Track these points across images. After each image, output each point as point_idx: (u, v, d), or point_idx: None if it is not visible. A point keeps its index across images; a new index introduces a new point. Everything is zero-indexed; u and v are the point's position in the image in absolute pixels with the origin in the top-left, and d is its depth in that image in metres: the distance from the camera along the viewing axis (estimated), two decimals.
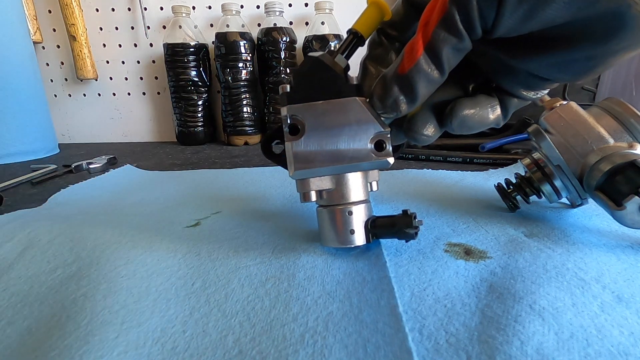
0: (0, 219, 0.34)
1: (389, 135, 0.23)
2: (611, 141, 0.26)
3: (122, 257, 0.24)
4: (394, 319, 0.18)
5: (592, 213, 0.31)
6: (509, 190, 0.32)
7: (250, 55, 0.75)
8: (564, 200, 0.32)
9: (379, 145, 0.23)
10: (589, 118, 0.27)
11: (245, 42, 0.73)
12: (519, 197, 0.32)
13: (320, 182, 0.24)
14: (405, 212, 0.23)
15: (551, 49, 0.19)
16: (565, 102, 0.29)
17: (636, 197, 0.24)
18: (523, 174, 0.32)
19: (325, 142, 0.23)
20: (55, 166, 0.58)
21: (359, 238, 0.24)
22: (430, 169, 0.48)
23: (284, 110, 0.23)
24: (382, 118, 0.23)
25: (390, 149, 0.23)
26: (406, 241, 0.25)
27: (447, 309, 0.19)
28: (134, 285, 0.21)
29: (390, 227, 0.23)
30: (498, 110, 0.24)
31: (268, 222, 0.30)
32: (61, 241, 0.27)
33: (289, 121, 0.23)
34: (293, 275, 0.22)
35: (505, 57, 0.22)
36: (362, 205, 0.24)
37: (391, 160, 0.23)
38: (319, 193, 0.24)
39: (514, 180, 0.32)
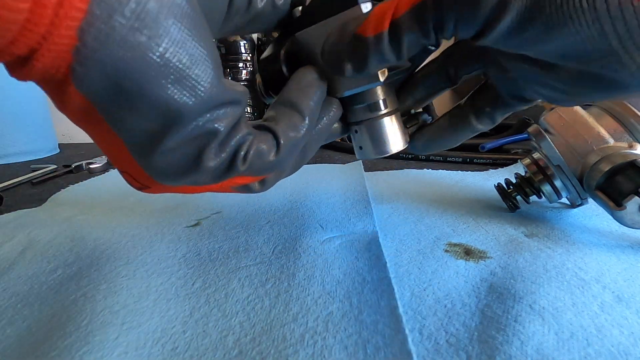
0: (0, 218, 0.34)
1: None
2: (611, 141, 0.26)
3: (122, 257, 0.24)
4: (394, 320, 0.18)
5: (592, 213, 0.31)
6: (509, 190, 0.32)
7: (250, 55, 0.75)
8: (564, 200, 0.32)
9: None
10: (589, 118, 0.27)
11: (245, 42, 0.73)
12: (519, 197, 0.32)
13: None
14: None
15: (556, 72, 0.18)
16: None
17: (636, 197, 0.24)
18: (523, 174, 0.32)
19: None
20: (55, 166, 0.58)
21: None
22: (430, 169, 0.48)
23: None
24: None
25: None
26: None
27: (447, 309, 0.19)
28: (134, 285, 0.21)
29: None
30: (466, 133, 0.24)
31: (268, 222, 0.30)
32: (61, 241, 0.27)
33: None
34: (293, 275, 0.22)
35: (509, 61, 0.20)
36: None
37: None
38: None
39: (514, 180, 0.32)
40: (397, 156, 0.55)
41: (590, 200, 0.30)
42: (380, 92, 0.22)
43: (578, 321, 0.18)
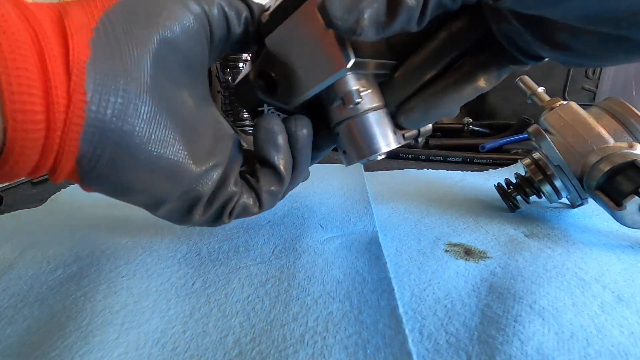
0: (0, 219, 0.34)
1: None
2: (611, 141, 0.26)
3: (122, 257, 0.24)
4: (394, 321, 0.18)
5: (592, 213, 0.31)
6: (509, 190, 0.32)
7: (250, 55, 0.75)
8: (564, 200, 0.32)
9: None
10: (589, 118, 0.27)
11: None
12: (519, 197, 0.32)
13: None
14: None
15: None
16: (565, 102, 0.29)
17: (636, 197, 0.24)
18: (523, 174, 0.32)
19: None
20: None
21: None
22: (430, 169, 0.48)
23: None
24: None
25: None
26: None
27: (447, 309, 0.19)
28: (134, 285, 0.21)
29: None
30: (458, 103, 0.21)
31: (268, 222, 0.30)
32: (61, 241, 0.27)
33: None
34: (293, 275, 0.22)
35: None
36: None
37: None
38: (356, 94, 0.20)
39: (514, 180, 0.32)
40: (397, 156, 0.55)
41: (590, 200, 0.30)
42: (352, 82, 0.20)
43: (578, 321, 0.18)
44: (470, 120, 0.63)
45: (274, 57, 0.21)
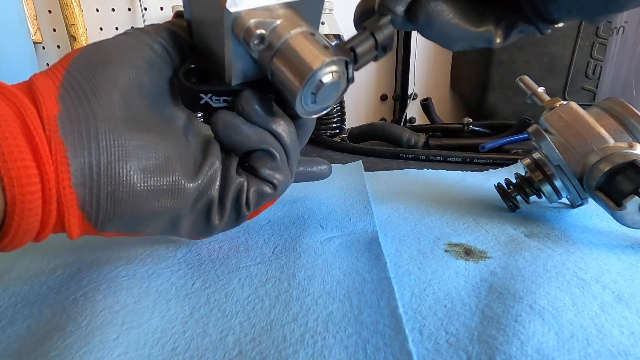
0: None
1: None
2: (611, 141, 0.26)
3: (122, 257, 0.24)
4: (394, 321, 0.18)
5: (592, 213, 0.31)
6: (509, 190, 0.32)
7: None
8: (564, 200, 0.32)
9: None
10: (589, 118, 0.27)
11: None
12: (519, 197, 0.32)
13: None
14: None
15: None
16: (565, 102, 0.29)
17: (636, 197, 0.24)
18: (523, 174, 0.32)
19: None
20: None
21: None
22: (430, 169, 0.48)
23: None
24: None
25: None
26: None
27: (447, 309, 0.19)
28: (134, 285, 0.21)
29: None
30: (490, 28, 0.21)
31: (268, 222, 0.30)
32: (61, 241, 0.27)
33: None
34: (293, 275, 0.22)
35: None
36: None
37: None
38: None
39: (514, 180, 0.32)
40: (397, 156, 0.55)
41: (590, 200, 0.30)
42: (247, 17, 0.18)
43: (578, 321, 0.18)
44: (470, 120, 0.63)
45: (200, 50, 0.21)
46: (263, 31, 0.18)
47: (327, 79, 0.19)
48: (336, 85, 0.20)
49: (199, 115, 0.24)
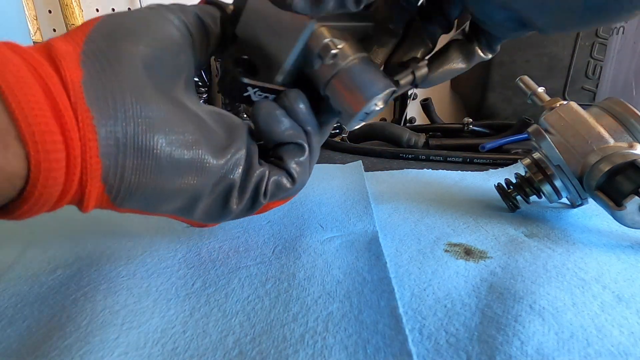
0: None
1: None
2: (611, 141, 0.26)
3: (122, 257, 0.24)
4: (394, 321, 0.18)
5: (592, 213, 0.31)
6: (509, 190, 0.32)
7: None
8: (564, 200, 0.32)
9: None
10: (589, 118, 0.27)
11: None
12: (519, 197, 0.32)
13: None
14: None
15: None
16: (565, 102, 0.29)
17: (636, 197, 0.24)
18: (523, 174, 0.32)
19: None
20: None
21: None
22: (430, 169, 0.48)
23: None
24: None
25: None
26: None
27: (447, 309, 0.19)
28: (134, 285, 0.21)
29: None
30: (474, 56, 0.24)
31: (268, 222, 0.30)
32: (61, 241, 0.27)
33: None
34: (293, 275, 0.22)
35: None
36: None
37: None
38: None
39: (514, 180, 0.32)
40: (397, 156, 0.55)
41: (590, 200, 0.30)
42: (324, 36, 0.20)
43: (578, 321, 0.18)
44: (470, 120, 0.63)
45: (246, 42, 0.21)
46: (336, 49, 0.20)
47: (379, 106, 0.22)
48: (381, 109, 0.22)
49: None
